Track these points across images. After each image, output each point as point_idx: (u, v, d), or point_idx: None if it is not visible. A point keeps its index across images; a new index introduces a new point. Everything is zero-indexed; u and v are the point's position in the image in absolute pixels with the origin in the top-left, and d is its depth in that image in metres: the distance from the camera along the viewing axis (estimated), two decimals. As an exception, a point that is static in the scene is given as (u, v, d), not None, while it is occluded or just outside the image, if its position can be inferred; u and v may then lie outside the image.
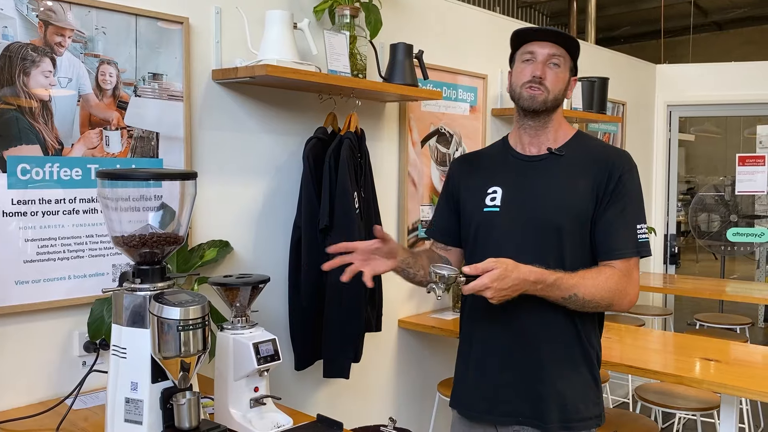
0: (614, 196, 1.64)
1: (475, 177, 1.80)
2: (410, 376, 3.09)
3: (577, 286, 1.57)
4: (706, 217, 5.92)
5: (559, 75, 1.68)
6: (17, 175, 1.79)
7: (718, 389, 2.29)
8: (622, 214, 1.64)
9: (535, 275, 1.52)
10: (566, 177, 1.68)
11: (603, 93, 3.86)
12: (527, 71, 1.68)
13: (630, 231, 1.64)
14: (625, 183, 1.65)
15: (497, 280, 1.46)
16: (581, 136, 1.78)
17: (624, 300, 1.63)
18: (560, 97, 1.70)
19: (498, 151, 1.83)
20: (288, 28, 2.20)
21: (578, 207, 1.65)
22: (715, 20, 10.84)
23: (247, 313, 1.72)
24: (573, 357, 1.69)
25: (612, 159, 1.68)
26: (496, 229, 1.71)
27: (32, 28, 1.80)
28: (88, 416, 1.74)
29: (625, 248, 1.63)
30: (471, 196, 1.78)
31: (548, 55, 1.67)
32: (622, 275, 1.62)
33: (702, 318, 4.36)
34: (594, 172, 1.66)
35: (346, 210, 2.36)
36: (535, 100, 1.67)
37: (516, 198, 1.70)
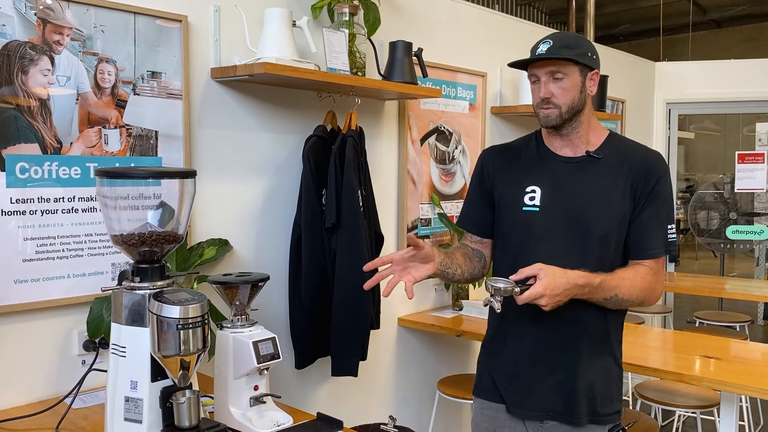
0: (650, 198, 1.69)
1: (512, 172, 1.80)
2: (410, 374, 3.08)
3: (618, 287, 1.63)
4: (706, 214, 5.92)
5: (565, 86, 1.68)
6: (16, 173, 1.79)
7: (718, 387, 2.29)
8: (657, 215, 1.69)
9: (583, 279, 1.57)
10: (605, 180, 1.70)
11: (602, 91, 3.86)
12: (536, 93, 1.71)
13: (662, 231, 1.69)
14: (661, 186, 1.70)
15: (549, 287, 1.50)
16: (615, 138, 1.81)
17: (653, 297, 1.71)
18: (576, 104, 1.70)
19: (532, 147, 1.83)
20: (287, 26, 2.20)
21: (618, 210, 1.68)
22: (714, 18, 10.83)
23: (247, 312, 1.72)
24: (602, 352, 1.73)
25: (649, 163, 1.72)
26: (536, 230, 1.71)
27: (30, 26, 1.80)
28: (87, 415, 1.73)
29: (657, 248, 1.69)
30: (507, 192, 1.79)
31: (549, 72, 1.68)
32: (653, 273, 1.69)
33: (701, 316, 4.36)
34: (632, 175, 1.70)
35: (353, 209, 2.36)
36: (549, 119, 1.70)
37: (556, 199, 1.71)
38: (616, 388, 1.76)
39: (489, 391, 1.82)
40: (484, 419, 1.83)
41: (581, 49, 1.71)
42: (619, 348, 1.78)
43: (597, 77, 1.76)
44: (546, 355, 1.72)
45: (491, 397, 1.82)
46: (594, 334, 1.71)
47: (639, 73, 4.97)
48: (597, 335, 1.72)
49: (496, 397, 1.80)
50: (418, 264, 1.65)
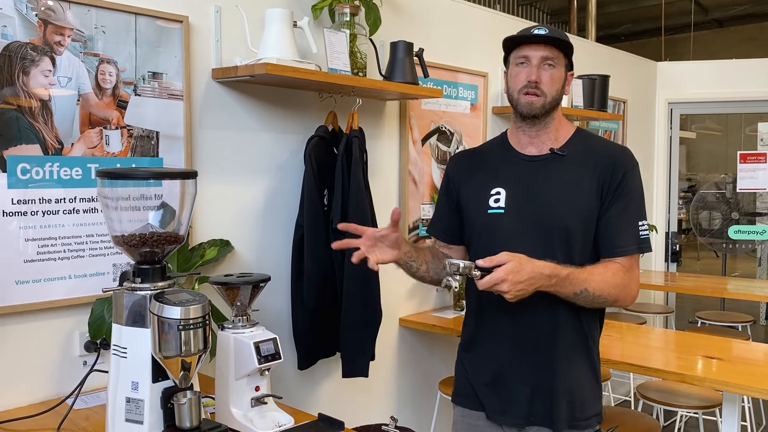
0: (617, 194, 1.65)
1: (477, 176, 1.78)
2: (411, 374, 3.08)
3: (588, 281, 1.58)
4: (708, 214, 5.91)
5: (554, 76, 1.66)
6: (17, 174, 1.79)
7: (720, 387, 2.29)
8: (625, 211, 1.65)
9: (549, 269, 1.52)
10: (570, 177, 1.67)
11: (604, 91, 3.86)
12: (522, 75, 1.65)
13: (632, 228, 1.65)
14: (628, 181, 1.65)
15: (512, 272, 1.45)
16: (582, 134, 1.77)
17: (628, 296, 1.65)
18: (558, 97, 1.68)
19: (498, 149, 1.81)
20: (288, 26, 2.20)
21: (585, 207, 1.65)
22: (715, 17, 10.82)
23: (248, 313, 1.72)
24: (579, 354, 1.70)
25: (615, 158, 1.68)
26: (502, 231, 1.69)
27: (31, 27, 1.80)
28: (89, 416, 1.73)
29: (628, 245, 1.65)
30: (473, 196, 1.77)
31: (542, 57, 1.64)
32: (625, 271, 1.64)
33: (703, 316, 4.36)
34: (598, 171, 1.66)
35: (361, 209, 2.37)
36: (533, 107, 1.65)
37: (521, 199, 1.69)
38: (595, 391, 1.74)
39: (468, 398, 1.79)
40: (464, 427, 1.80)
41: (570, 45, 1.69)
42: (596, 349, 1.75)
43: (572, 79, 1.75)
44: (522, 359, 1.69)
45: (470, 404, 1.79)
46: (570, 336, 1.68)
47: (640, 72, 4.97)
48: (573, 337, 1.69)
49: (475, 404, 1.77)
50: (385, 247, 1.63)
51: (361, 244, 1.60)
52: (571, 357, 1.69)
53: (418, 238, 3.06)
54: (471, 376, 1.79)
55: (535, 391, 1.68)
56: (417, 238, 3.05)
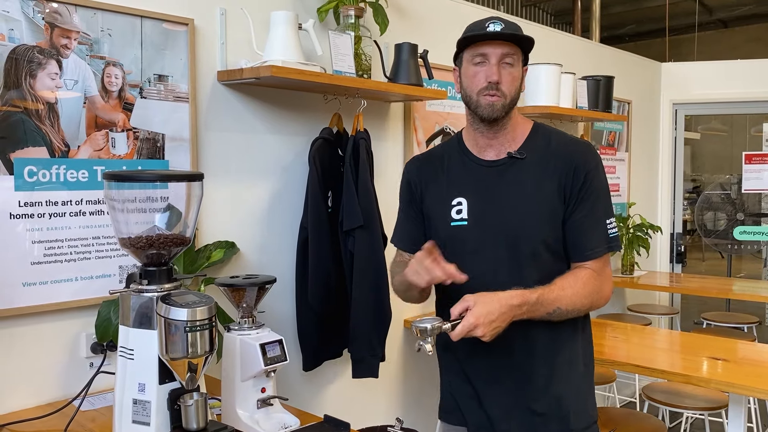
0: (581, 197, 1.58)
1: (437, 184, 1.69)
2: (417, 376, 3.08)
3: (559, 299, 1.52)
4: (713, 215, 5.90)
5: (513, 74, 1.56)
6: (24, 177, 1.80)
7: (726, 388, 2.28)
8: (591, 212, 1.58)
9: (517, 298, 1.45)
10: (531, 182, 1.59)
11: (608, 92, 3.85)
12: (481, 76, 1.55)
13: (600, 228, 1.59)
14: (592, 181, 1.58)
15: (482, 315, 1.39)
16: (540, 132, 1.67)
17: (601, 299, 1.60)
18: (516, 96, 1.59)
19: (454, 153, 1.70)
20: (293, 28, 2.20)
21: (548, 213, 1.58)
22: (720, 18, 10.79)
23: (254, 314, 1.72)
24: (564, 362, 1.62)
25: (576, 157, 1.59)
26: (467, 245, 1.61)
27: (38, 30, 1.81)
28: (95, 417, 1.74)
29: (597, 246, 1.58)
30: (435, 206, 1.68)
31: (502, 55, 1.54)
32: (597, 275, 1.58)
33: (709, 317, 4.34)
34: (558, 173, 1.58)
35: (370, 210, 2.37)
36: (495, 109, 1.55)
37: (483, 209, 1.61)
38: (588, 398, 1.66)
39: (451, 413, 1.73)
40: None
41: (527, 39, 1.58)
42: (586, 353, 1.67)
43: (525, 73, 1.64)
44: (501, 373, 1.62)
45: (453, 419, 1.73)
46: (549, 346, 1.60)
47: (645, 73, 4.96)
48: (553, 346, 1.60)
49: (459, 420, 1.71)
50: None
51: None
52: (556, 367, 1.61)
53: (422, 239, 3.05)
54: (453, 389, 1.73)
55: (517, 407, 1.61)
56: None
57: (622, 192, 4.63)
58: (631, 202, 4.66)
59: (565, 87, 3.51)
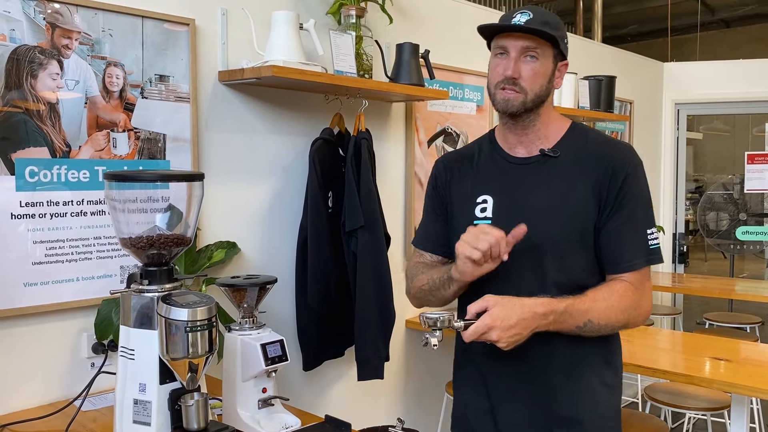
0: (619, 201, 1.45)
1: (463, 182, 1.60)
2: (418, 376, 3.08)
3: (590, 311, 1.40)
4: (715, 215, 5.88)
5: (537, 69, 1.44)
6: (25, 177, 1.80)
7: (729, 389, 2.28)
8: (629, 220, 1.45)
9: (543, 306, 1.35)
10: (563, 183, 1.48)
11: (610, 92, 3.85)
12: (500, 69, 1.46)
13: (639, 238, 1.46)
14: (630, 185, 1.46)
15: (500, 318, 1.30)
16: (577, 131, 1.56)
17: (639, 316, 1.46)
18: (543, 93, 1.47)
19: (484, 150, 1.61)
20: (294, 28, 2.20)
21: (578, 217, 1.46)
22: (722, 18, 10.78)
23: (255, 314, 1.72)
24: (587, 379, 1.50)
25: (614, 159, 1.47)
26: None
27: (39, 30, 1.81)
28: (96, 417, 1.74)
29: (635, 258, 1.45)
30: (460, 205, 1.59)
31: (522, 48, 1.43)
32: (634, 289, 1.45)
33: (711, 317, 4.33)
34: (594, 175, 1.46)
35: (372, 210, 2.37)
36: (510, 104, 1.45)
37: (509, 209, 1.50)
38: (611, 417, 1.54)
39: (460, 428, 1.65)
40: None
41: (560, 31, 1.46)
42: (612, 368, 1.54)
43: (565, 70, 1.52)
44: (517, 388, 1.51)
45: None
46: (571, 360, 1.48)
47: (647, 73, 4.95)
48: (576, 360, 1.48)
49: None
50: None
51: None
52: (577, 385, 1.49)
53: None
54: (466, 403, 1.64)
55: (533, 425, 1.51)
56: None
57: (624, 192, 4.62)
58: (633, 202, 4.64)
59: (567, 87, 3.51)
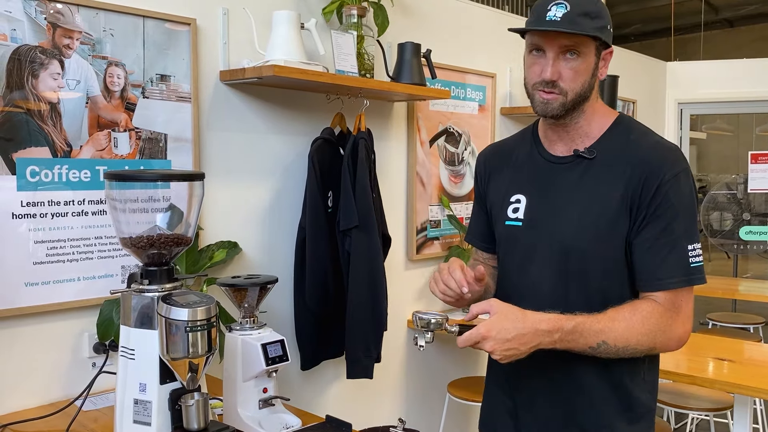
0: (653, 210, 1.31)
1: (501, 176, 1.53)
2: (420, 376, 3.07)
3: (605, 332, 1.27)
4: (719, 215, 5.87)
5: (578, 68, 1.32)
6: (26, 177, 1.80)
7: (732, 389, 2.27)
8: (665, 233, 1.30)
9: (548, 323, 1.24)
10: (595, 186, 1.36)
11: (613, 91, 3.83)
12: (536, 69, 1.35)
13: (677, 254, 1.30)
14: (668, 193, 1.30)
15: (496, 329, 1.22)
16: (621, 126, 1.42)
17: (670, 341, 1.34)
18: (585, 91, 1.35)
19: (526, 144, 1.51)
20: (295, 28, 2.20)
21: (607, 226, 1.33)
22: (726, 17, 10.75)
23: (256, 314, 1.72)
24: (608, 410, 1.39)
25: (650, 162, 1.33)
26: (519, 249, 1.45)
27: (40, 30, 1.81)
28: (97, 417, 1.74)
29: (671, 276, 1.31)
30: (495, 201, 1.52)
31: (560, 47, 1.31)
32: (664, 311, 1.31)
33: (715, 317, 4.32)
34: (626, 179, 1.33)
35: (367, 210, 2.37)
36: (549, 107, 1.34)
37: (539, 211, 1.42)
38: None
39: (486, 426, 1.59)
40: None
41: (602, 19, 1.33)
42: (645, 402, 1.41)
43: (610, 58, 1.39)
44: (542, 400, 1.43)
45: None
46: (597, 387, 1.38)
47: (650, 73, 4.94)
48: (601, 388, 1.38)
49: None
50: None
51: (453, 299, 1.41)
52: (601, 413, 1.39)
53: (426, 239, 3.05)
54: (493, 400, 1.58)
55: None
56: (425, 240, 3.05)
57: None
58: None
59: (570, 86, 3.50)
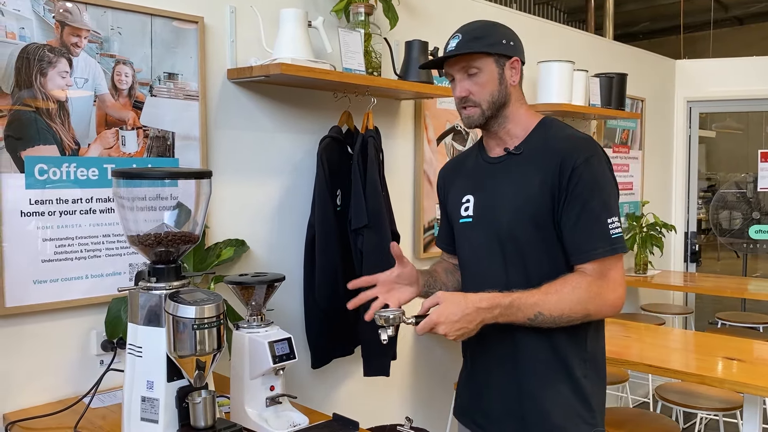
0: (571, 193, 1.48)
1: (455, 186, 1.72)
2: (427, 375, 3.07)
3: (539, 304, 1.43)
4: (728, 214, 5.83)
5: (481, 81, 1.54)
6: (35, 175, 1.81)
7: (741, 389, 2.25)
8: (585, 209, 1.47)
9: (486, 301, 1.41)
10: (521, 179, 1.54)
11: (621, 89, 3.82)
12: (455, 93, 1.59)
13: (598, 227, 1.46)
14: (582, 175, 1.47)
15: (444, 314, 1.38)
16: (543, 127, 1.60)
17: (603, 306, 1.47)
18: (498, 98, 1.55)
19: (474, 152, 1.73)
20: (302, 26, 2.20)
21: (531, 210, 1.51)
22: (735, 15, 10.67)
23: (263, 312, 1.72)
24: (555, 375, 1.54)
25: (564, 151, 1.50)
26: (470, 242, 1.64)
27: (49, 29, 1.82)
28: (105, 415, 1.74)
29: (595, 247, 1.46)
30: (452, 206, 1.71)
31: (461, 69, 1.55)
32: (593, 280, 1.46)
33: (724, 317, 4.29)
34: (545, 168, 1.51)
35: (378, 209, 2.36)
36: (472, 120, 1.57)
37: (482, 207, 1.61)
38: (580, 416, 1.54)
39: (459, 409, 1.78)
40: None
41: (492, 38, 1.55)
42: (587, 367, 1.55)
43: (518, 65, 1.58)
44: (496, 376, 1.60)
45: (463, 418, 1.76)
46: (536, 354, 1.53)
47: (659, 70, 4.91)
48: (540, 355, 1.53)
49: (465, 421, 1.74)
50: (404, 286, 1.61)
51: (378, 293, 1.58)
52: (545, 379, 1.54)
53: (433, 237, 3.04)
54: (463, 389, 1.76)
55: (507, 413, 1.59)
56: (432, 238, 3.04)
57: (635, 190, 4.59)
58: (645, 200, 4.62)
59: (578, 84, 3.49)
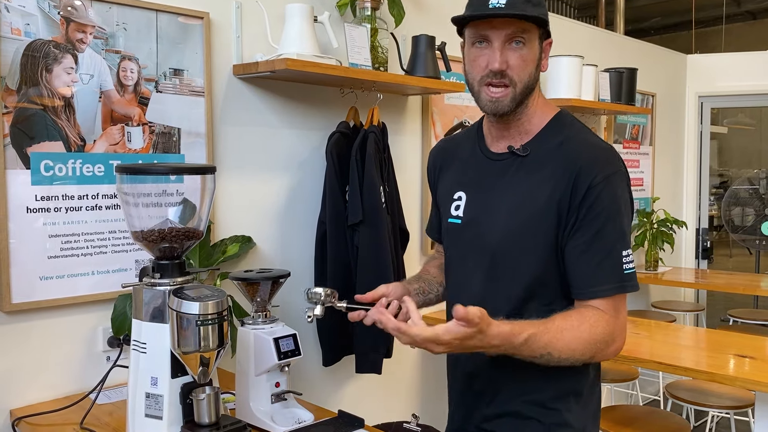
0: (583, 216, 1.26)
1: (449, 173, 1.51)
2: (433, 372, 3.06)
3: (552, 344, 1.21)
4: (740, 210, 5.78)
5: (526, 56, 1.27)
6: (41, 171, 1.81)
7: (753, 387, 2.23)
8: (598, 237, 1.25)
9: (499, 339, 1.16)
10: (525, 186, 1.32)
11: (631, 84, 3.79)
12: (481, 62, 1.28)
13: (610, 260, 1.26)
14: (599, 196, 1.24)
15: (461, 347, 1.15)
16: (558, 124, 1.36)
17: (609, 349, 1.28)
18: (532, 82, 1.30)
19: (471, 140, 1.49)
20: (308, 21, 2.19)
21: (533, 228, 1.29)
22: (748, 9, 10.57)
23: (268, 308, 1.71)
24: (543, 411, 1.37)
25: (580, 163, 1.26)
26: (458, 246, 1.45)
27: (54, 25, 1.81)
28: (111, 411, 1.74)
29: (607, 283, 1.26)
30: (442, 197, 1.51)
31: (507, 36, 1.25)
32: (609, 319, 1.26)
33: (736, 314, 4.26)
34: (556, 179, 1.28)
35: (375, 205, 2.35)
36: (501, 104, 1.29)
37: (475, 210, 1.40)
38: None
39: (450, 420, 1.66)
40: None
41: (544, 8, 1.29)
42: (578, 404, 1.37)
43: (549, 49, 1.34)
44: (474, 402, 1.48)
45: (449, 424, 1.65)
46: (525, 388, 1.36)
47: (670, 65, 4.87)
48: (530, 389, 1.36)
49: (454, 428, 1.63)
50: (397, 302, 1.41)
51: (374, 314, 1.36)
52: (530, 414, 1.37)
53: (441, 234, 3.02)
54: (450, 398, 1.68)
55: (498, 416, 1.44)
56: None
57: (645, 186, 4.56)
58: (655, 196, 4.58)
59: (587, 79, 3.46)
